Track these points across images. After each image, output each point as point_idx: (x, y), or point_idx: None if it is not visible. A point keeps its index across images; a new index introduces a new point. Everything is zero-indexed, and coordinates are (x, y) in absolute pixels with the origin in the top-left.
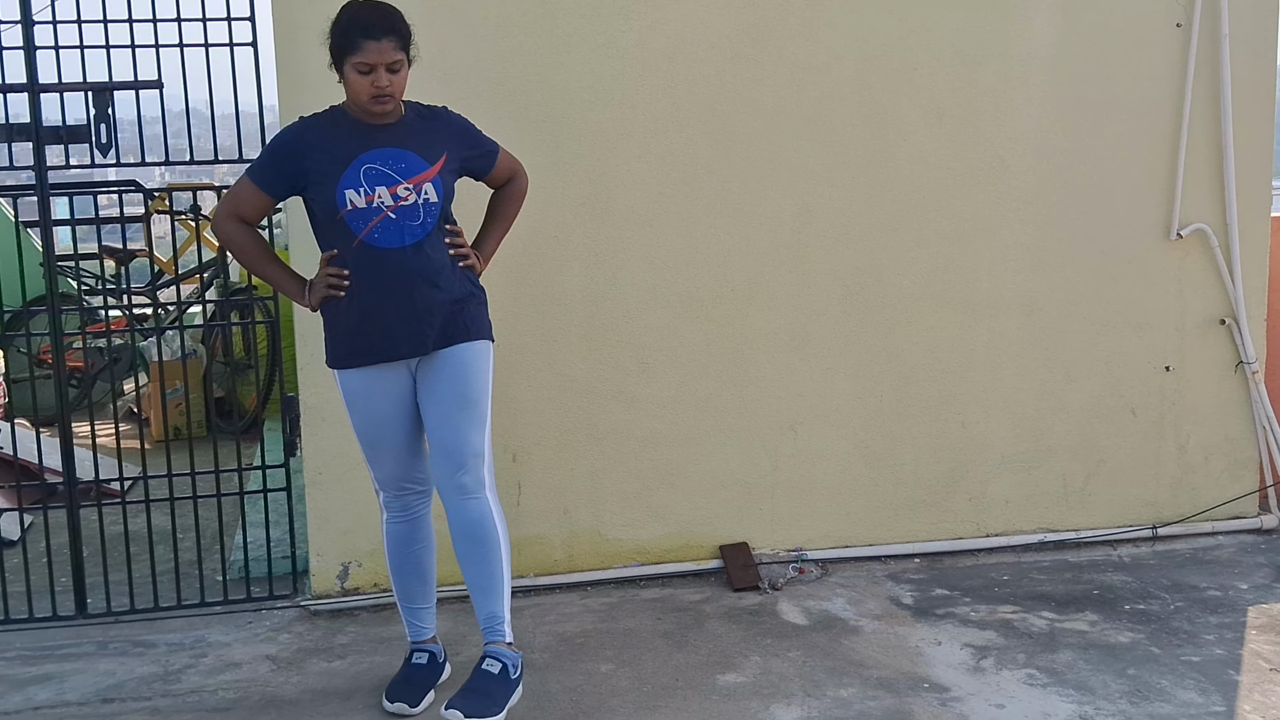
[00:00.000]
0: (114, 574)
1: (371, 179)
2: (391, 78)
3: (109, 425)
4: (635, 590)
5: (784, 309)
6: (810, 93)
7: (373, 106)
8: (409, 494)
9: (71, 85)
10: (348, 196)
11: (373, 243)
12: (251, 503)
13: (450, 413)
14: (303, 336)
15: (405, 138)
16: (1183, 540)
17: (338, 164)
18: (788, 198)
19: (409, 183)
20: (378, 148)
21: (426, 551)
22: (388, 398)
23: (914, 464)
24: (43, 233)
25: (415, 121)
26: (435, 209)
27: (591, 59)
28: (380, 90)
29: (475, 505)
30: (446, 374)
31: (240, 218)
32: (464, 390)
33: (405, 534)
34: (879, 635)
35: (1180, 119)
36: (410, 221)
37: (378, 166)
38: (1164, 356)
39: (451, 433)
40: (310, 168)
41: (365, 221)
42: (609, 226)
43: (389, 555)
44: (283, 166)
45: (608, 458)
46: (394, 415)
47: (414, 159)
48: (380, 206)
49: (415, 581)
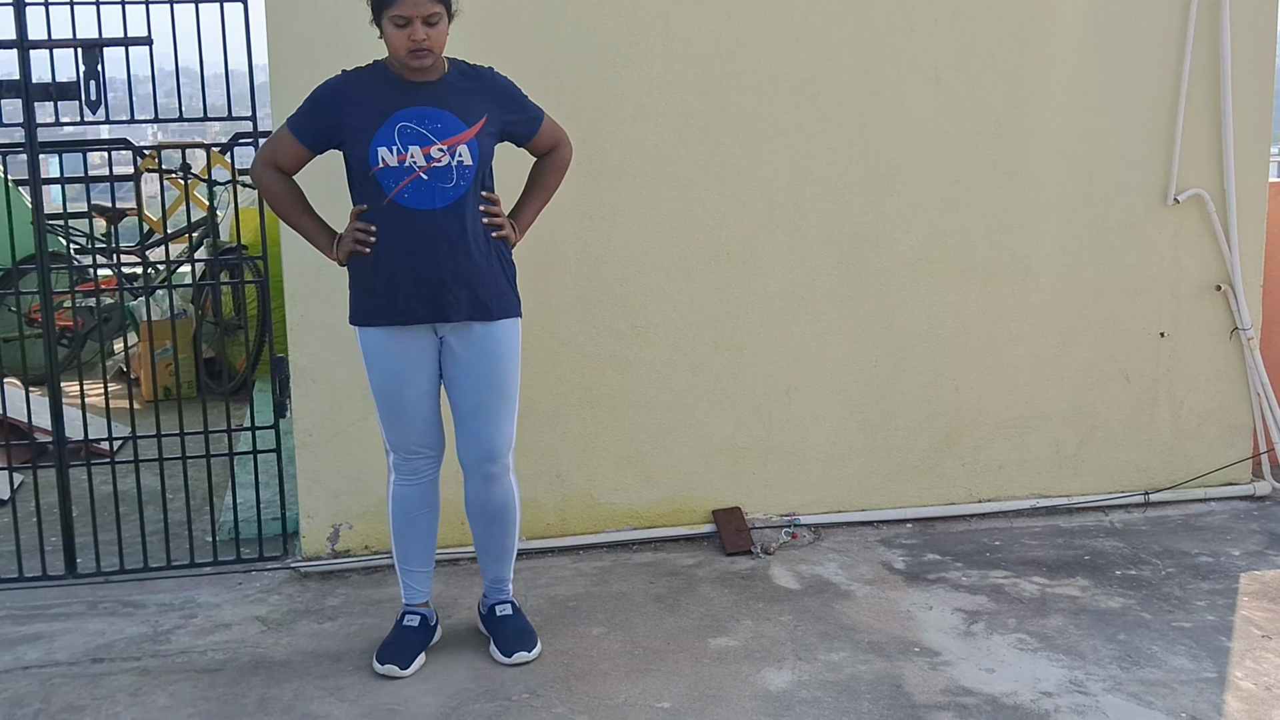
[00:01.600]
0: (103, 534)
1: (406, 137)
2: (429, 31)
3: (99, 385)
4: (627, 554)
5: (779, 273)
6: (807, 54)
7: (410, 61)
8: (419, 458)
9: (61, 42)
10: (380, 154)
11: (402, 202)
12: (241, 464)
13: (484, 403)
14: (293, 297)
15: (445, 97)
16: (1175, 506)
17: (373, 120)
18: (783, 160)
19: (444, 144)
20: (415, 105)
21: (431, 517)
22: (407, 359)
23: (908, 429)
24: (32, 191)
25: (457, 80)
26: (470, 172)
27: (587, 15)
28: (417, 44)
29: (500, 490)
30: (479, 357)
31: (277, 166)
32: (498, 378)
33: (412, 498)
34: (870, 600)
35: (1179, 84)
36: (442, 184)
37: (413, 125)
38: (1159, 322)
39: (485, 423)
40: (346, 122)
41: (396, 180)
42: (603, 188)
43: (393, 518)
44: (320, 119)
45: (601, 421)
46: (413, 377)
47: (451, 119)
48: (412, 166)
49: (416, 546)
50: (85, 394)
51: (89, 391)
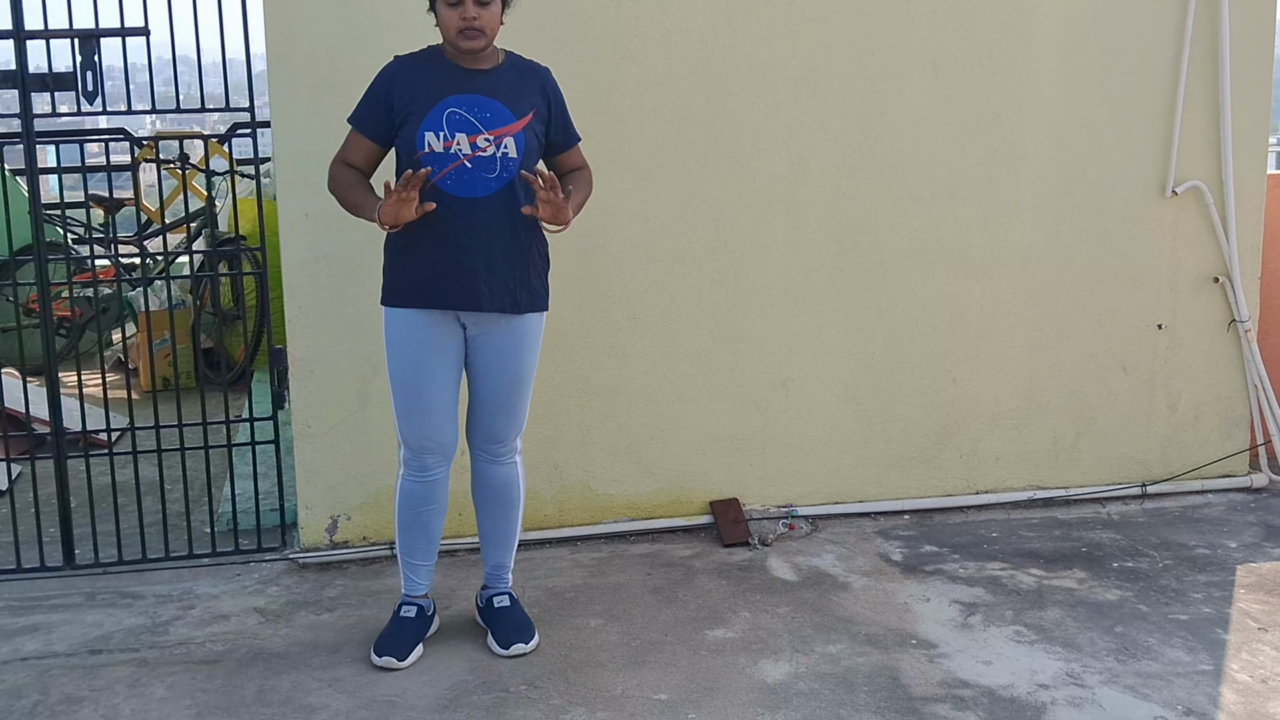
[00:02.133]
0: (102, 525)
1: (454, 124)
2: (480, 10)
3: (97, 375)
4: (625, 545)
5: (777, 264)
6: (805, 45)
7: (461, 42)
8: (430, 454)
9: (58, 32)
10: (426, 138)
11: (444, 188)
12: (240, 455)
13: (500, 393)
14: (291, 289)
15: (497, 87)
16: (1172, 498)
17: (424, 103)
18: (782, 152)
19: (490, 134)
20: (466, 93)
21: (437, 514)
22: (429, 346)
23: (905, 421)
24: (30, 181)
25: (510, 72)
26: (514, 165)
27: (585, 7)
28: (468, 23)
29: (506, 470)
30: (502, 350)
31: (347, 164)
32: (517, 371)
33: (420, 494)
34: (868, 591)
35: (1178, 75)
36: (485, 174)
37: (462, 112)
38: (1156, 314)
39: (497, 411)
40: (398, 106)
41: (441, 166)
42: (602, 179)
43: (398, 510)
44: (378, 107)
45: (598, 413)
46: (434, 365)
47: (500, 109)
48: (457, 153)
49: (420, 540)
50: (83, 384)
51: (87, 382)
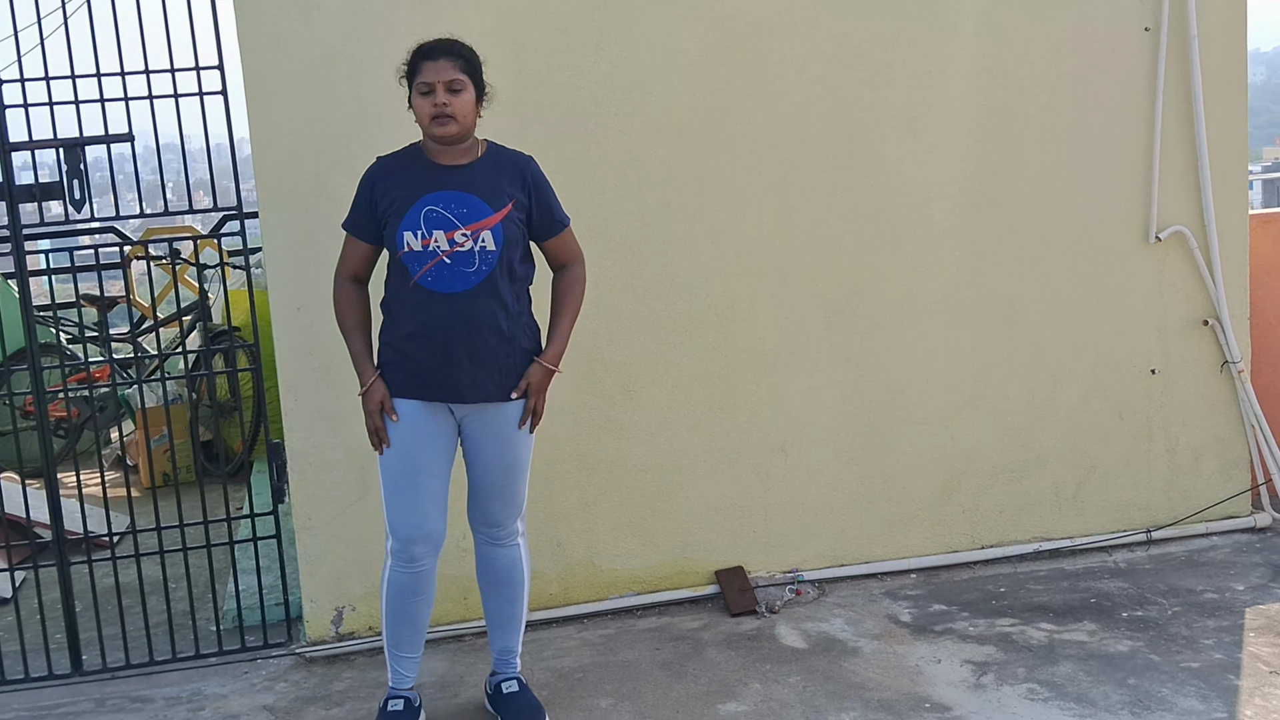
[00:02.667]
0: (108, 628)
1: (431, 222)
2: (451, 97)
3: (96, 475)
4: (632, 620)
5: (768, 328)
6: (782, 110)
7: (435, 129)
8: (418, 545)
9: (42, 143)
10: (405, 238)
11: (425, 285)
12: (242, 550)
13: (496, 480)
14: (287, 383)
15: (473, 181)
16: (1177, 543)
17: (402, 204)
18: (765, 216)
19: (467, 229)
20: (443, 190)
21: (424, 605)
22: (423, 436)
23: (905, 478)
24: (20, 286)
25: (489, 164)
26: (493, 257)
27: (564, 90)
28: (440, 109)
29: (509, 552)
30: (494, 438)
31: (353, 275)
32: (510, 459)
33: (407, 585)
34: (878, 655)
35: (1154, 121)
36: (464, 268)
37: (439, 209)
38: (1149, 359)
39: (494, 497)
40: (380, 208)
41: (420, 264)
42: (590, 254)
43: (385, 601)
44: (364, 210)
45: (599, 487)
46: (428, 457)
47: (477, 204)
48: (435, 250)
49: (408, 631)
50: (83, 484)
51: (87, 481)
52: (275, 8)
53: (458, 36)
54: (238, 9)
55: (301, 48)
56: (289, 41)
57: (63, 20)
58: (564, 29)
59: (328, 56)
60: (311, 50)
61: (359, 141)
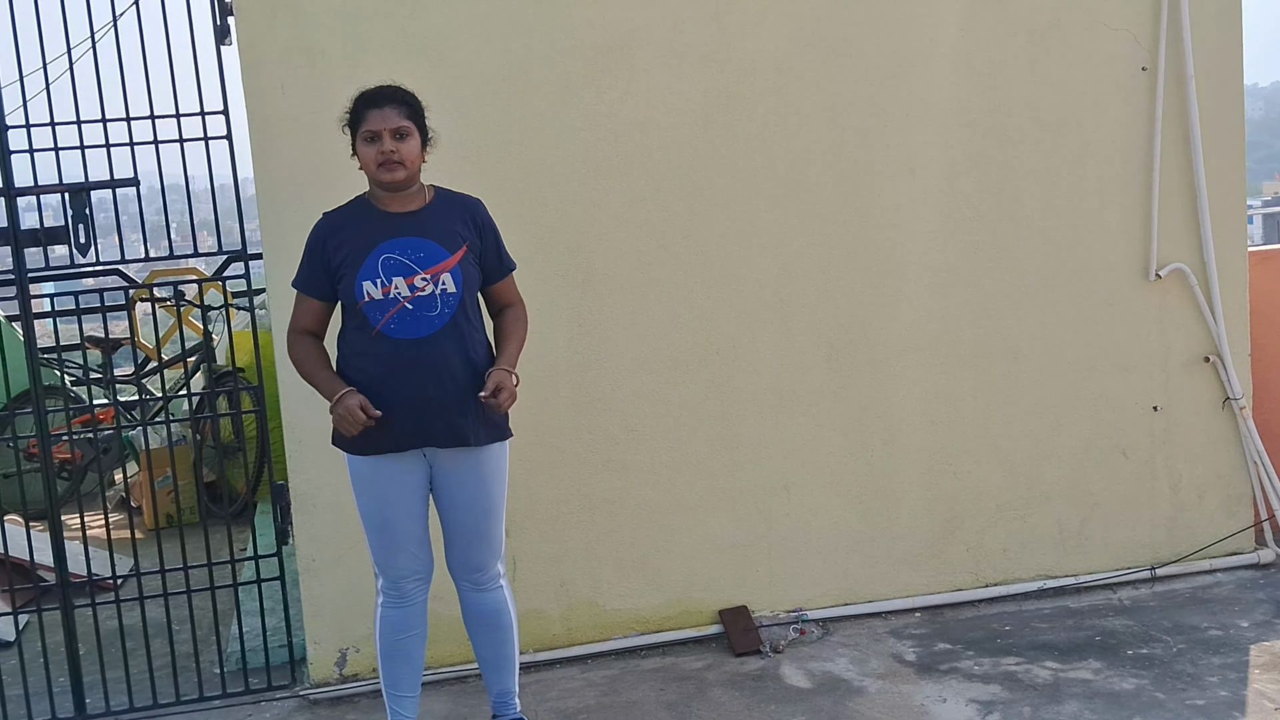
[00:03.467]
0: (111, 671)
1: (389, 269)
2: (397, 144)
3: (100, 516)
4: (636, 660)
5: (770, 369)
6: (782, 154)
7: (382, 175)
8: (407, 580)
9: (48, 188)
10: (365, 288)
11: (389, 333)
12: (246, 592)
13: (470, 523)
14: (290, 424)
15: (426, 226)
16: (1181, 580)
17: (358, 254)
18: (767, 258)
19: (426, 273)
20: (397, 236)
21: (418, 641)
22: (395, 484)
23: (909, 517)
24: (25, 329)
25: (439, 208)
26: (454, 299)
27: (565, 133)
28: (385, 156)
29: (492, 596)
30: (466, 481)
31: (306, 329)
32: (484, 501)
33: (399, 621)
34: (884, 695)
35: (1152, 161)
36: (427, 312)
37: (396, 256)
38: (1151, 397)
39: (471, 541)
40: (334, 261)
41: (382, 312)
42: (591, 296)
43: (379, 640)
44: (315, 267)
45: (601, 527)
46: (401, 502)
47: (433, 248)
48: (397, 297)
49: (403, 669)
50: (87, 526)
51: (90, 523)
52: (279, 54)
53: (461, 82)
54: (243, 55)
55: (305, 93)
56: (293, 87)
57: (68, 66)
58: (566, 72)
59: (330, 101)
60: (314, 95)
61: (360, 185)
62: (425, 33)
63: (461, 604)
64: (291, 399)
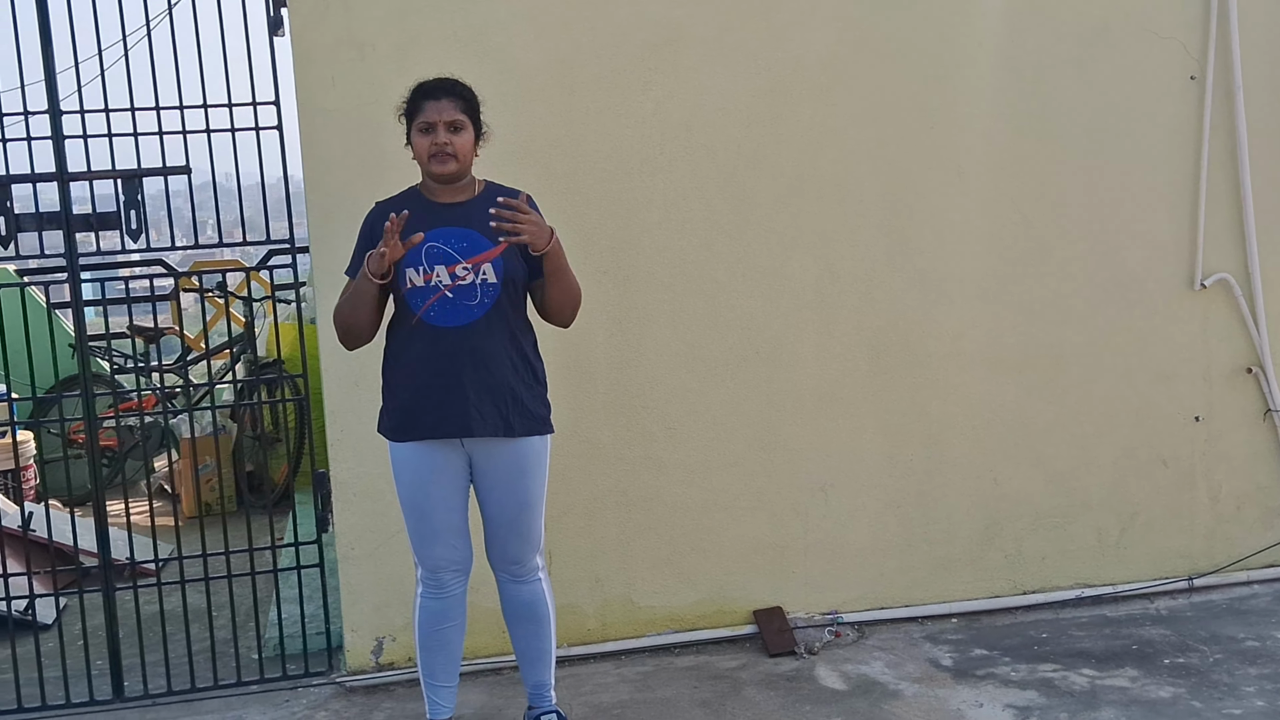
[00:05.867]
0: (150, 655)
1: (432, 257)
2: (451, 136)
3: (142, 503)
4: (670, 658)
5: (810, 370)
6: (828, 154)
7: (434, 167)
8: (446, 571)
9: (100, 173)
10: (408, 275)
11: (430, 321)
12: (285, 579)
13: (508, 516)
14: (332, 413)
15: (472, 217)
16: (1219, 590)
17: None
18: (810, 259)
19: (468, 262)
20: (442, 226)
21: (456, 631)
22: (435, 472)
23: (947, 522)
24: (75, 315)
25: (487, 200)
26: (494, 290)
27: (611, 129)
28: (439, 147)
29: (530, 589)
30: (504, 473)
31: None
32: (522, 494)
33: (438, 611)
34: (920, 699)
35: (1199, 170)
36: (467, 301)
37: (439, 245)
38: (1193, 407)
39: (510, 533)
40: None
41: (423, 299)
42: (632, 293)
43: (418, 630)
44: (366, 251)
45: (638, 524)
46: (440, 492)
47: (477, 238)
48: (437, 285)
49: (441, 659)
50: (130, 512)
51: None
52: (330, 46)
53: (508, 77)
54: (295, 46)
55: (355, 86)
56: (343, 80)
57: (123, 53)
58: (613, 69)
59: (380, 95)
60: (364, 88)
61: (408, 178)
62: (474, 27)
63: (500, 595)
64: (335, 388)
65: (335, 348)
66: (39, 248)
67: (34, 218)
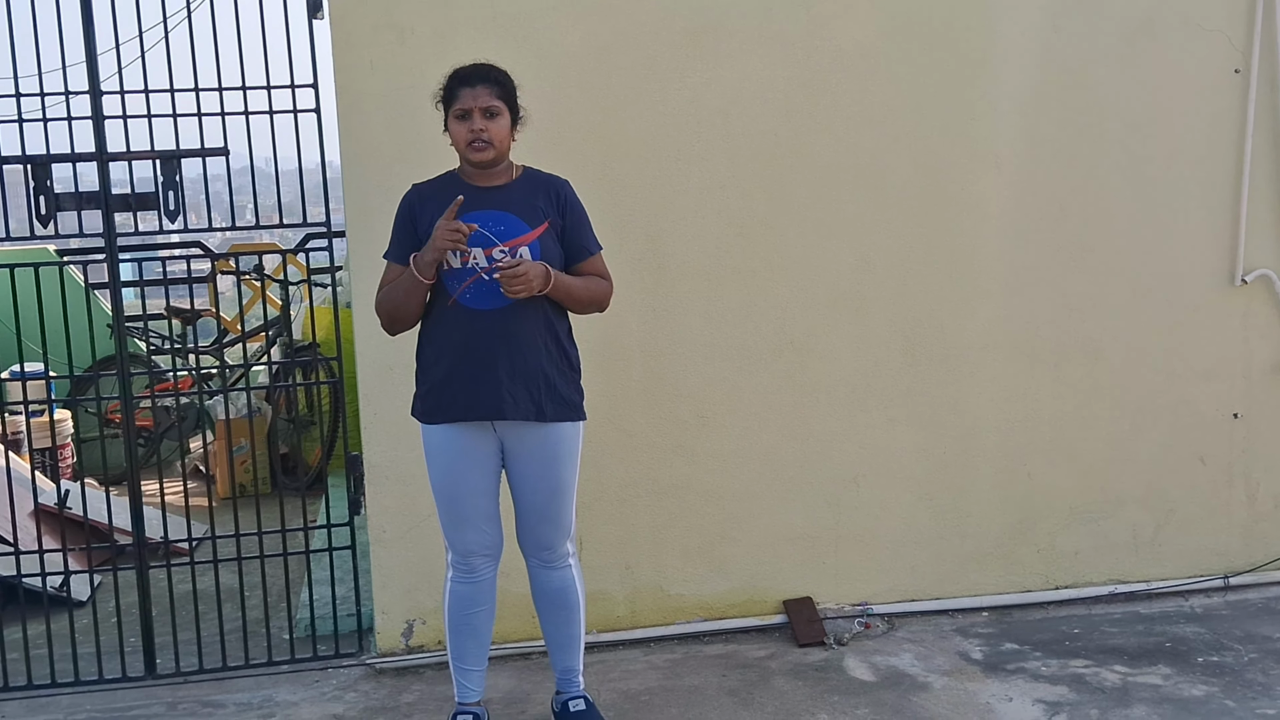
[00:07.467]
0: (183, 633)
1: (470, 240)
2: (487, 123)
3: (176, 483)
4: (699, 646)
5: (844, 361)
6: (866, 144)
7: (471, 154)
8: (476, 556)
9: (139, 154)
10: (445, 257)
11: (465, 303)
12: (317, 560)
13: (540, 501)
14: (366, 396)
15: (510, 200)
16: (1255, 590)
17: None
18: (845, 249)
19: (506, 245)
20: (480, 209)
21: (486, 616)
22: (468, 457)
23: (980, 516)
24: (112, 295)
25: (525, 185)
26: None
27: (647, 116)
28: (475, 134)
29: (561, 575)
30: (536, 458)
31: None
32: (553, 480)
33: (468, 595)
34: (949, 692)
35: (1241, 164)
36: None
37: (477, 227)
38: (1231, 403)
39: (541, 519)
40: (421, 231)
41: (459, 281)
42: (667, 281)
43: (448, 613)
44: (406, 236)
45: (669, 512)
46: (472, 475)
47: (515, 221)
48: (474, 267)
49: (470, 643)
50: (164, 492)
51: (166, 490)
52: (370, 30)
53: (546, 63)
54: (334, 30)
55: (394, 70)
56: (382, 64)
57: (163, 35)
58: (650, 56)
59: (418, 80)
60: (403, 73)
61: (446, 162)
62: (513, 12)
63: (530, 581)
64: (369, 372)
65: (370, 332)
66: (78, 227)
67: (73, 197)
